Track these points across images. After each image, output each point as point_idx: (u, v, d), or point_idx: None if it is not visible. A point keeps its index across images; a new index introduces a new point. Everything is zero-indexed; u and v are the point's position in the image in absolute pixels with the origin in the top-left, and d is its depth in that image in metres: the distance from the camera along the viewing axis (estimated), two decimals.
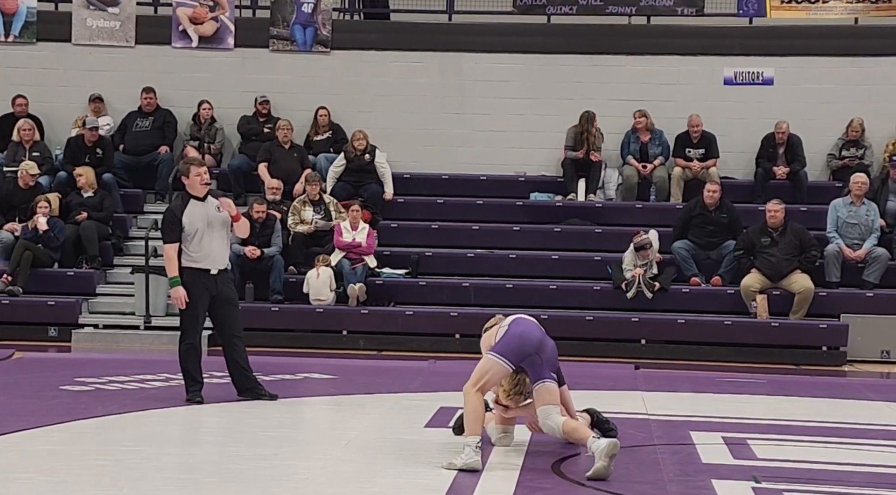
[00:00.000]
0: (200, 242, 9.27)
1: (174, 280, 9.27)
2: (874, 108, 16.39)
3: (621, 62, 16.85)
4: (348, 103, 16.94)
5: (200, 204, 9.33)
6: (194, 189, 9.35)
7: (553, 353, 7.30)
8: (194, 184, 9.33)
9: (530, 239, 15.70)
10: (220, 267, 9.43)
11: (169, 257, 9.29)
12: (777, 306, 14.26)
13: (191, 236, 9.26)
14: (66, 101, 17.06)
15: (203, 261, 9.31)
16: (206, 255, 9.31)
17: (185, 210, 9.29)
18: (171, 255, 9.28)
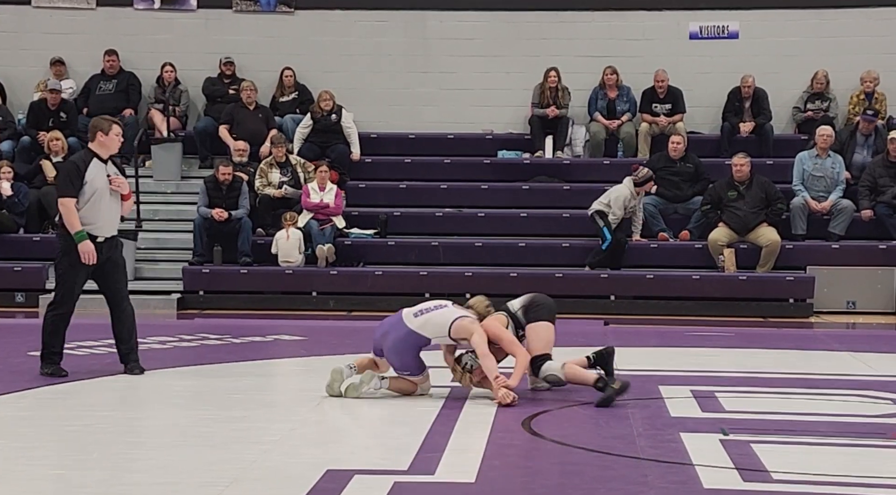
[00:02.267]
0: (96, 205, 8.70)
1: (80, 235, 8.58)
2: (839, 60, 16.43)
3: (587, 18, 16.81)
4: (313, 63, 16.83)
5: (102, 165, 8.79)
6: (108, 148, 8.78)
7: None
8: (112, 143, 8.77)
9: (499, 197, 15.70)
10: (107, 234, 8.78)
11: (70, 210, 8.59)
12: (744, 260, 14.35)
13: (87, 196, 8.67)
14: (26, 65, 16.86)
15: (92, 227, 8.69)
16: (96, 221, 8.71)
17: (88, 167, 8.70)
18: (72, 209, 8.59)
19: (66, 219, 8.66)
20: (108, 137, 8.78)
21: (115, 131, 8.82)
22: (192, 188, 15.67)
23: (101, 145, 8.80)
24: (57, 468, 6.04)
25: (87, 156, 8.81)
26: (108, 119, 9.04)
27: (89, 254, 8.63)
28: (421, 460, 6.13)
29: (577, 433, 7.03)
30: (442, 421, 7.15)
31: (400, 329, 7.93)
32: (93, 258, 8.64)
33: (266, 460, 6.15)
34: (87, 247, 8.62)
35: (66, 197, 8.66)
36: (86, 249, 8.62)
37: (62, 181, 8.83)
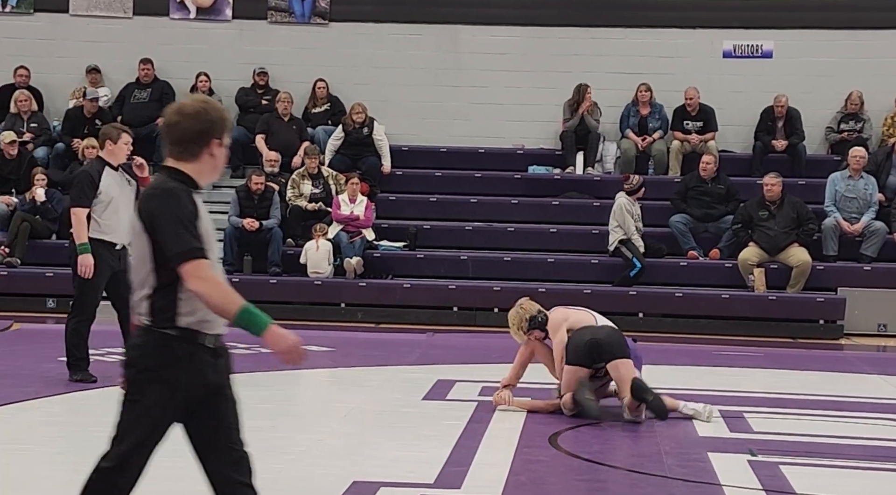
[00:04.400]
0: (117, 212, 8.76)
1: (83, 247, 8.61)
2: (873, 81, 16.35)
3: (619, 35, 16.80)
4: (346, 76, 16.90)
5: (115, 173, 8.89)
6: (117, 157, 8.88)
7: None
8: (120, 151, 8.88)
9: (528, 212, 15.69)
10: (125, 241, 8.80)
11: (81, 221, 8.64)
12: (774, 279, 14.28)
13: (104, 204, 8.75)
14: (63, 72, 17.00)
15: (111, 234, 8.75)
16: (117, 228, 8.77)
17: (102, 176, 8.78)
18: (83, 219, 8.64)
19: (75, 229, 8.72)
20: (117, 146, 8.89)
21: (124, 140, 8.94)
22: (223, 197, 15.73)
23: (110, 153, 8.90)
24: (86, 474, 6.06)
25: (100, 164, 8.90)
26: (117, 127, 9.19)
27: (87, 268, 8.65)
28: (447, 474, 6.14)
29: (603, 450, 7.02)
30: (468, 436, 7.16)
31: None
32: (90, 272, 8.66)
33: (293, 471, 6.17)
34: (87, 260, 8.65)
35: (79, 206, 8.72)
36: (85, 262, 8.65)
37: (75, 190, 8.85)
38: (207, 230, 3.94)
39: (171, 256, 3.84)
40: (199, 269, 3.84)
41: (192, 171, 3.99)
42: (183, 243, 3.83)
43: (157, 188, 3.96)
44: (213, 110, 4.01)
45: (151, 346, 3.97)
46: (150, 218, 3.88)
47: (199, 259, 3.84)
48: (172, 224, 3.84)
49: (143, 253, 3.93)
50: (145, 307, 3.96)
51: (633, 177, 14.71)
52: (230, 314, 3.89)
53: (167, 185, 3.94)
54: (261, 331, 3.96)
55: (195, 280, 3.83)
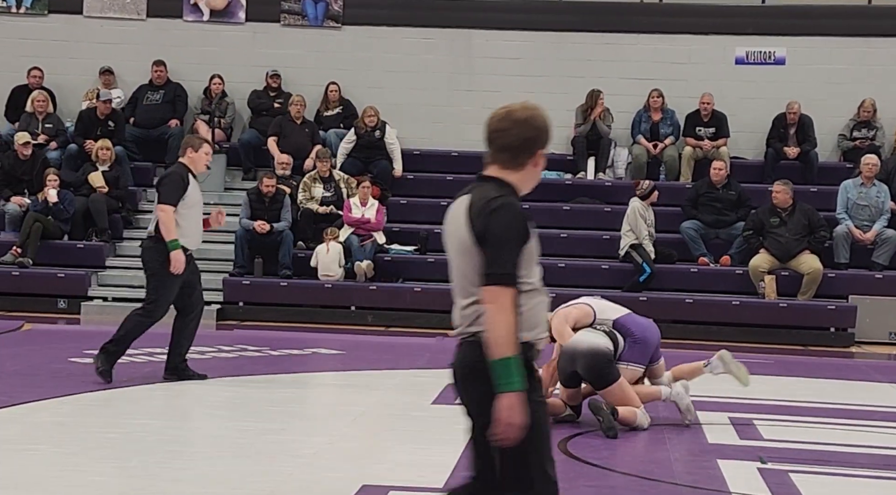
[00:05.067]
0: (194, 217, 9.02)
1: (174, 243, 8.80)
2: (886, 89, 16.32)
3: (632, 41, 16.79)
4: (359, 79, 16.91)
5: (194, 180, 9.12)
6: (197, 165, 9.14)
7: None
8: (200, 160, 9.13)
9: (539, 217, 15.54)
10: (194, 247, 9.15)
11: (171, 218, 8.83)
12: (785, 287, 14.25)
13: (187, 207, 8.98)
14: (76, 74, 17.04)
15: (186, 238, 8.95)
16: (190, 233, 9.00)
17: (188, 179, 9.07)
18: (172, 216, 8.84)
19: (165, 226, 8.84)
20: (197, 154, 9.11)
21: (205, 150, 9.16)
22: (234, 200, 15.76)
23: (191, 161, 9.13)
24: (96, 475, 6.08)
25: (184, 169, 9.10)
26: (200, 138, 9.45)
27: (179, 264, 8.82)
28: (456, 478, 6.12)
29: (613, 456, 7.01)
30: None
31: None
32: (181, 267, 8.82)
33: (303, 473, 6.18)
34: (179, 255, 8.82)
35: (169, 204, 8.88)
36: (178, 257, 8.81)
37: (167, 189, 8.98)
38: (532, 248, 3.83)
39: (484, 275, 3.72)
40: (502, 297, 3.70)
41: (516, 181, 3.86)
42: (500, 267, 3.70)
43: (498, 200, 3.78)
44: (541, 118, 3.89)
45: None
46: (485, 232, 3.73)
47: (507, 287, 3.70)
48: (503, 242, 3.72)
49: (478, 267, 3.76)
50: (483, 325, 3.77)
51: (643, 183, 14.73)
52: (496, 353, 3.70)
53: (509, 200, 3.79)
54: (507, 388, 3.70)
55: (493, 305, 3.70)
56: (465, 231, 3.77)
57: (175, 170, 9.17)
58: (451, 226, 3.87)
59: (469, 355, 3.83)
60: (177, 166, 9.21)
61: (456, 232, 3.82)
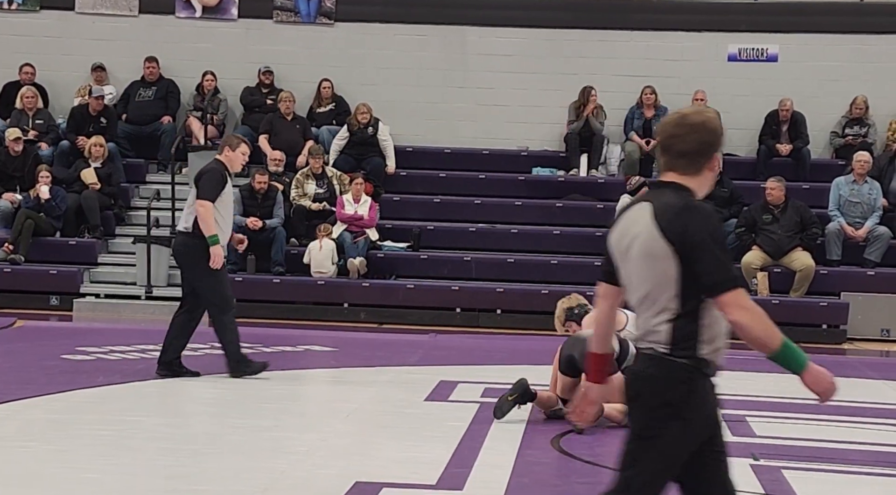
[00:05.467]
0: (227, 215, 9.16)
1: (214, 238, 8.89)
2: (878, 86, 16.35)
3: (625, 37, 16.79)
4: (351, 76, 16.90)
5: (230, 178, 9.25)
6: (233, 164, 9.21)
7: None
8: (237, 159, 9.19)
9: (532, 214, 15.70)
10: (225, 243, 9.30)
11: (210, 213, 8.89)
12: (778, 283, 14.27)
13: (223, 203, 9.08)
14: (68, 70, 17.00)
15: (223, 234, 9.13)
16: (225, 228, 9.15)
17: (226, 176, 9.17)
18: (211, 212, 8.90)
19: (205, 222, 8.89)
20: (234, 154, 9.17)
21: (242, 150, 9.21)
22: None
23: (228, 159, 9.18)
24: (88, 471, 6.07)
25: (222, 167, 9.15)
26: (238, 137, 9.48)
27: (219, 258, 8.91)
28: (449, 475, 6.14)
29: (606, 453, 7.00)
30: (471, 437, 7.16)
31: None
32: (220, 262, 8.93)
33: (295, 470, 6.17)
34: (219, 250, 8.93)
35: (208, 200, 8.92)
36: (217, 252, 8.91)
37: (207, 185, 9.00)
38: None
39: (712, 285, 3.60)
40: (741, 299, 3.61)
41: (694, 186, 3.79)
42: (725, 271, 3.60)
43: (686, 206, 3.69)
44: (716, 121, 3.81)
45: (671, 379, 3.67)
46: (683, 239, 3.62)
47: (739, 288, 3.60)
48: (713, 250, 3.60)
49: (666, 276, 3.66)
50: (664, 335, 3.68)
51: (633, 178, 14.79)
52: (771, 348, 3.64)
53: (697, 204, 3.71)
54: (800, 368, 3.69)
55: (739, 310, 3.60)
56: (656, 240, 3.67)
57: (214, 167, 9.18)
58: (629, 236, 3.76)
59: (648, 368, 3.73)
60: (214, 163, 9.26)
61: (640, 241, 3.71)
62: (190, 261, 9.05)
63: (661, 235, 3.66)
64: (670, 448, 3.71)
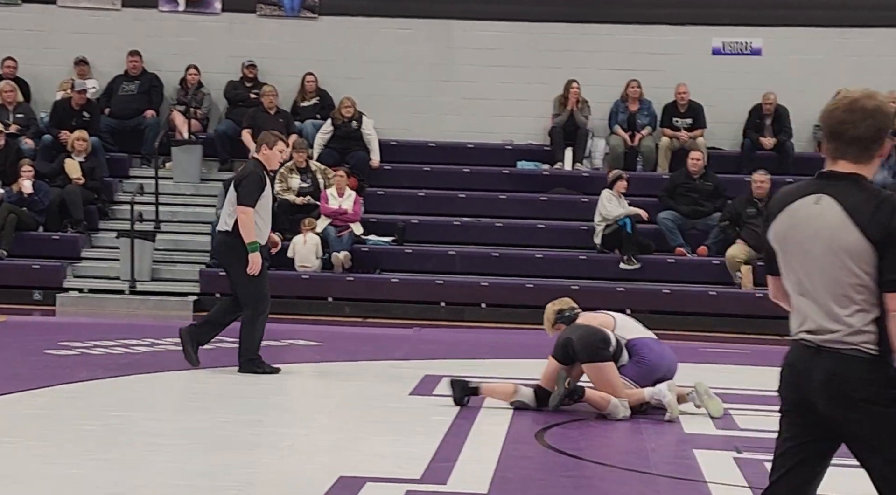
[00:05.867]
0: (268, 214, 9.21)
1: (254, 245, 8.95)
2: (862, 79, 16.29)
3: (610, 31, 16.80)
4: (336, 70, 16.87)
5: (267, 177, 9.25)
6: (270, 162, 9.24)
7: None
8: (274, 157, 9.21)
9: (517, 207, 15.70)
10: (263, 241, 9.28)
11: (251, 220, 8.95)
12: (762, 277, 14.22)
13: (263, 204, 9.11)
14: (50, 64, 16.93)
15: (260, 235, 9.14)
16: (264, 228, 9.20)
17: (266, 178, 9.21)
18: (252, 218, 8.96)
19: (245, 228, 8.95)
20: (271, 152, 9.17)
21: (279, 147, 9.22)
22: (211, 190, 15.72)
23: (265, 157, 9.18)
24: (72, 467, 6.06)
25: (260, 167, 9.15)
26: (275, 134, 9.46)
27: (257, 266, 8.94)
28: (434, 469, 6.14)
29: (590, 447, 7.03)
30: (455, 432, 7.16)
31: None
32: (258, 269, 8.94)
33: (280, 465, 6.17)
34: (257, 258, 8.94)
35: (248, 206, 8.95)
36: (256, 260, 8.94)
37: (247, 191, 9.02)
38: None
39: (891, 281, 3.48)
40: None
41: (867, 174, 3.63)
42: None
43: (882, 199, 3.53)
44: (887, 105, 3.70)
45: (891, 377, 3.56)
46: (884, 234, 3.48)
47: None
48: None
49: (863, 273, 3.53)
50: (873, 335, 3.55)
51: (612, 172, 14.88)
52: None
53: (888, 195, 3.54)
54: None
55: None
56: (852, 235, 3.53)
57: (252, 170, 9.19)
58: (807, 230, 3.64)
59: (856, 370, 3.62)
60: (252, 164, 9.29)
61: (828, 236, 3.57)
62: (230, 260, 9.17)
63: (859, 231, 3.52)
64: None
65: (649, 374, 7.93)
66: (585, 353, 7.72)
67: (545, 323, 8.23)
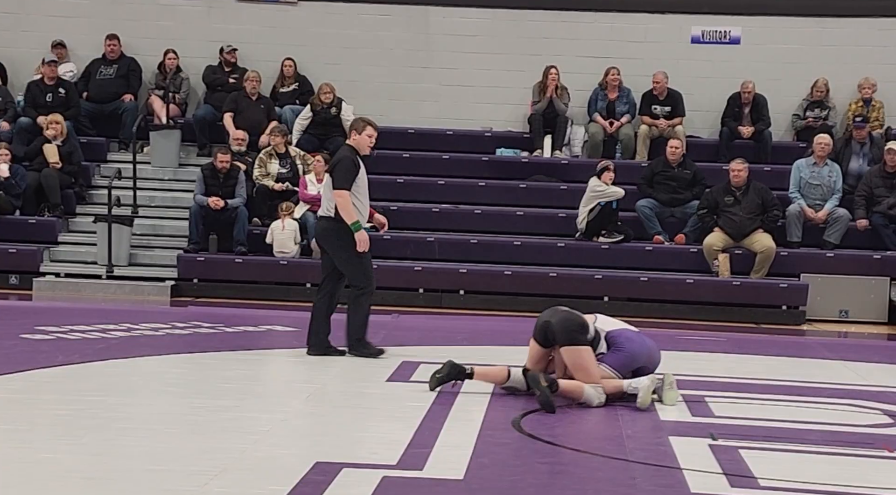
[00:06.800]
0: (365, 197, 9.47)
1: (357, 224, 9.28)
2: (839, 69, 16.46)
3: (589, 19, 16.82)
4: (315, 55, 16.82)
5: (362, 161, 9.47)
6: (361, 147, 9.45)
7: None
8: (362, 142, 9.43)
9: (495, 194, 15.71)
10: (366, 225, 9.57)
11: (348, 202, 9.26)
12: (739, 265, 14.38)
13: (359, 188, 9.39)
14: (28, 47, 16.82)
15: (361, 215, 9.43)
16: (363, 211, 9.49)
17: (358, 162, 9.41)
18: (349, 200, 9.27)
19: (345, 210, 9.26)
20: (361, 137, 9.44)
21: (368, 132, 9.46)
22: (189, 175, 15.67)
23: (356, 143, 9.44)
24: (47, 452, 6.04)
25: (353, 152, 9.41)
26: (364, 120, 9.63)
27: (364, 243, 9.27)
28: (410, 455, 6.15)
29: (566, 433, 7.06)
30: (432, 418, 7.17)
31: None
32: (366, 245, 9.27)
33: (256, 450, 6.17)
34: (363, 235, 9.30)
35: (344, 189, 9.27)
36: (362, 237, 9.28)
37: (341, 175, 9.32)
38: None
39: None
40: None
41: None
42: None
43: None
44: None
45: None
46: None
47: None
48: None
49: None
50: None
51: (600, 162, 14.87)
52: None
53: None
54: None
55: None
56: None
57: (346, 155, 9.44)
58: None
59: None
60: (346, 149, 9.51)
61: None
62: (334, 244, 9.42)
63: None
64: None
65: (629, 362, 7.96)
66: (563, 336, 7.79)
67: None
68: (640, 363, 8.02)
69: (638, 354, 8.01)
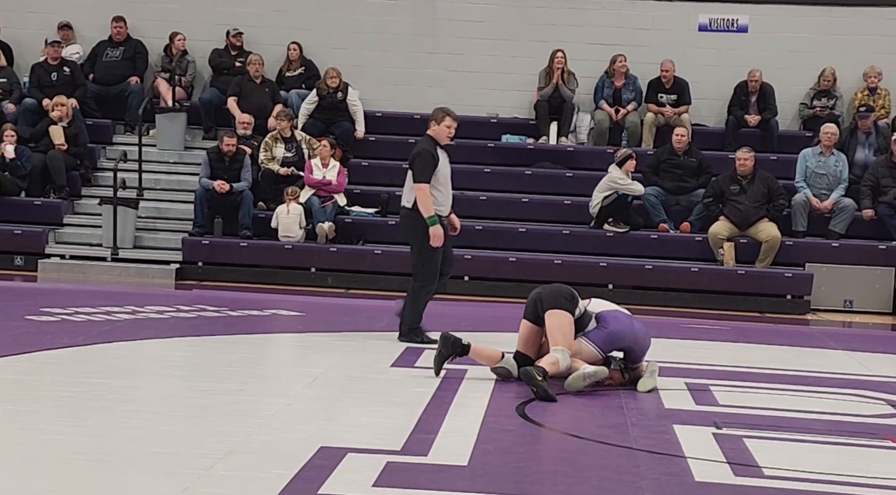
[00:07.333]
0: (446, 188, 9.49)
1: (433, 219, 9.30)
2: (847, 58, 16.41)
3: (596, 5, 16.78)
4: (321, 39, 16.80)
5: (442, 150, 9.47)
6: (440, 137, 9.46)
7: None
8: (442, 133, 9.44)
9: (501, 181, 15.69)
10: (446, 214, 9.57)
11: (427, 195, 9.29)
12: (744, 254, 14.36)
13: (440, 179, 9.39)
14: (34, 28, 16.80)
15: (442, 208, 9.45)
16: (445, 203, 9.50)
17: (437, 153, 9.41)
18: (428, 194, 9.30)
19: (423, 204, 9.30)
20: (440, 127, 9.47)
21: (447, 123, 9.47)
22: (194, 159, 15.67)
23: (435, 133, 9.47)
24: (51, 433, 6.05)
25: (431, 144, 9.44)
26: (443, 110, 9.65)
27: (438, 239, 9.29)
28: (414, 441, 6.16)
29: (570, 421, 7.06)
30: (436, 403, 7.18)
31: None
32: (440, 241, 9.28)
33: (260, 434, 6.18)
34: (437, 230, 9.29)
35: (423, 182, 9.31)
36: (437, 233, 9.29)
37: (420, 167, 9.35)
38: None
39: None
40: None
41: None
42: None
43: None
44: None
45: None
46: None
47: None
48: None
49: None
50: None
51: (619, 150, 14.87)
52: None
53: None
54: None
55: None
56: None
57: (424, 147, 9.46)
58: None
59: None
60: (425, 141, 9.53)
61: None
62: (410, 234, 9.50)
63: None
64: None
65: (612, 340, 7.99)
66: (550, 300, 7.91)
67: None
68: (623, 343, 8.04)
69: (622, 334, 8.01)
